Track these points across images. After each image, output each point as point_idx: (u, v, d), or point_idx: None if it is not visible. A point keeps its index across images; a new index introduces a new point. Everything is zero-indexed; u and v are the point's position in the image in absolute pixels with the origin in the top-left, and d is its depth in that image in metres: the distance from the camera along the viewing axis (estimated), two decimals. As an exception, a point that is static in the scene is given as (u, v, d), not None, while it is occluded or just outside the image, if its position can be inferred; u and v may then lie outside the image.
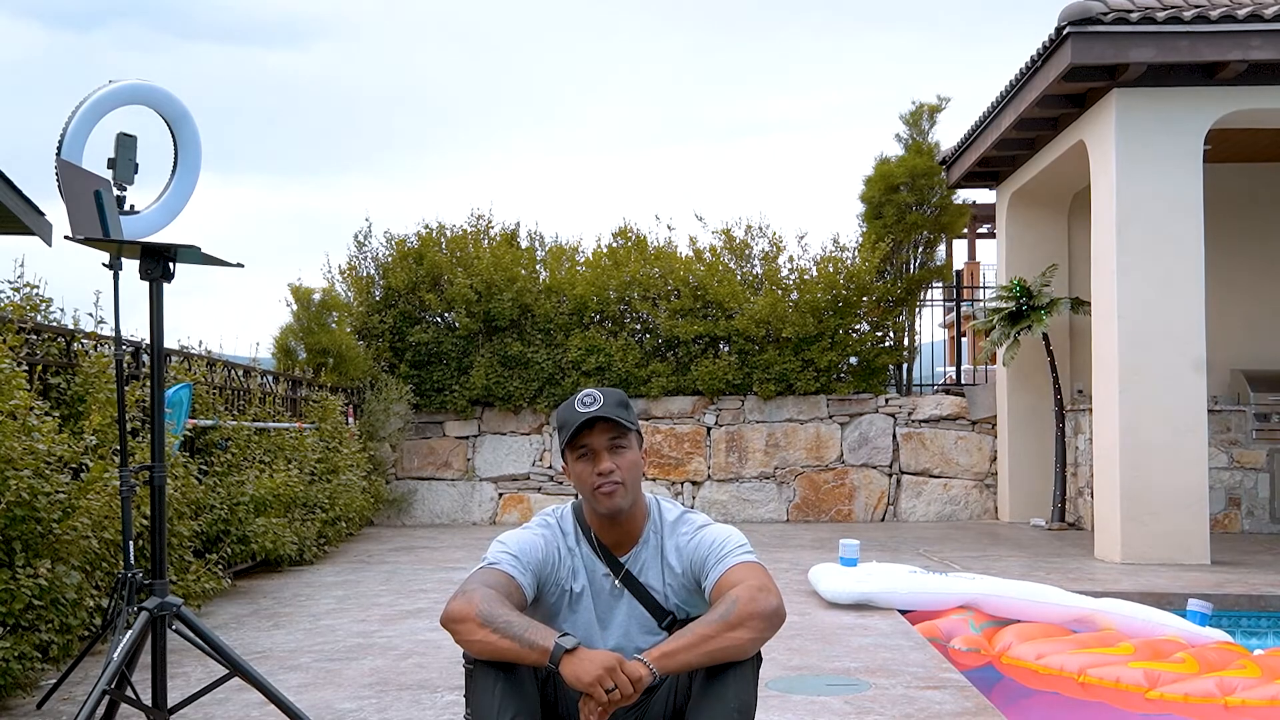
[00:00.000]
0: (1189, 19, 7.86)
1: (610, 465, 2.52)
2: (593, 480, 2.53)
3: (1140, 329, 8.27)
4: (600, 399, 2.54)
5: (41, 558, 4.21)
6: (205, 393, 7.13)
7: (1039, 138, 10.20)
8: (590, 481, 2.53)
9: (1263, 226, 10.85)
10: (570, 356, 11.55)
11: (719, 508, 11.55)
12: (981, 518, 11.64)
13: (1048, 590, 6.11)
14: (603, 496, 2.52)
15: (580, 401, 2.55)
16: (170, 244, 3.29)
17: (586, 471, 2.54)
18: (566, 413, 2.56)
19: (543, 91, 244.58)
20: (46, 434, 4.35)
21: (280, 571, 7.86)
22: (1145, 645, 5.39)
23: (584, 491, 2.57)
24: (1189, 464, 8.22)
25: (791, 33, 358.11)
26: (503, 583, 2.44)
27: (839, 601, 6.30)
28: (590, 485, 2.53)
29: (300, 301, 10.93)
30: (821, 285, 11.56)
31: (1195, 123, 8.32)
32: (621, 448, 2.55)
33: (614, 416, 2.52)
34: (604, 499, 2.52)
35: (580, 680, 2.23)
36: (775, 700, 4.21)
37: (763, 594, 2.37)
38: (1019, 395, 11.29)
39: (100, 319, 5.49)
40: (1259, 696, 4.75)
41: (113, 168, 3.44)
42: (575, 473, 2.57)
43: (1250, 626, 6.65)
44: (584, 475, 2.54)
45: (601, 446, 2.53)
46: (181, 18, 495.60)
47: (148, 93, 3.75)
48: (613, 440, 2.54)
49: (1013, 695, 5.27)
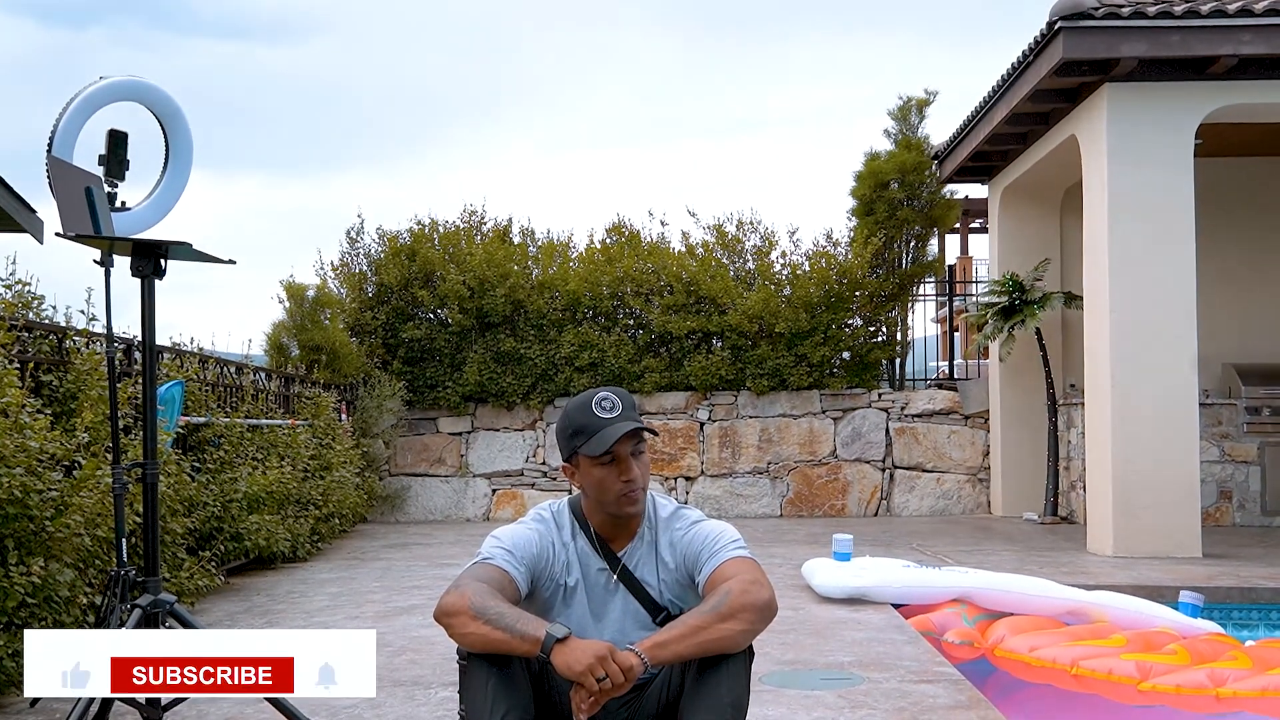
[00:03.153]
0: (1180, 13, 7.88)
1: (636, 473, 2.53)
2: (619, 487, 2.52)
3: (1132, 323, 8.29)
4: (620, 404, 2.53)
5: (34, 555, 4.20)
6: (198, 390, 7.12)
7: (1031, 132, 10.21)
8: (615, 489, 2.53)
9: (1254, 221, 10.88)
10: (563, 352, 11.55)
11: (712, 503, 11.56)
12: (974, 512, 11.66)
13: (1041, 583, 6.12)
14: (628, 503, 2.54)
15: (599, 406, 2.52)
16: (162, 240, 3.28)
17: (611, 478, 2.53)
18: (584, 417, 2.53)
19: (536, 88, 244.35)
20: (39, 432, 4.34)
21: (274, 568, 7.85)
22: (1137, 637, 5.41)
23: (604, 496, 2.55)
24: (1181, 458, 8.25)
25: (785, 29, 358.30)
26: (496, 577, 2.44)
27: (832, 596, 6.31)
28: (615, 492, 2.53)
29: (293, 298, 10.92)
30: (814, 280, 11.57)
31: (1187, 117, 8.33)
32: (641, 453, 2.57)
33: (643, 425, 2.53)
34: (628, 504, 2.54)
35: (572, 669, 2.24)
36: (769, 694, 4.22)
37: (755, 587, 2.38)
38: (1012, 390, 11.32)
39: (92, 316, 5.48)
40: (1250, 688, 4.77)
41: (104, 164, 3.43)
42: (595, 478, 2.54)
43: (1241, 618, 6.68)
44: (608, 482, 2.53)
45: (627, 454, 2.53)
46: (177, 14, 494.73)
47: (139, 89, 3.75)
48: (636, 446, 2.55)
49: (1006, 688, 5.28)
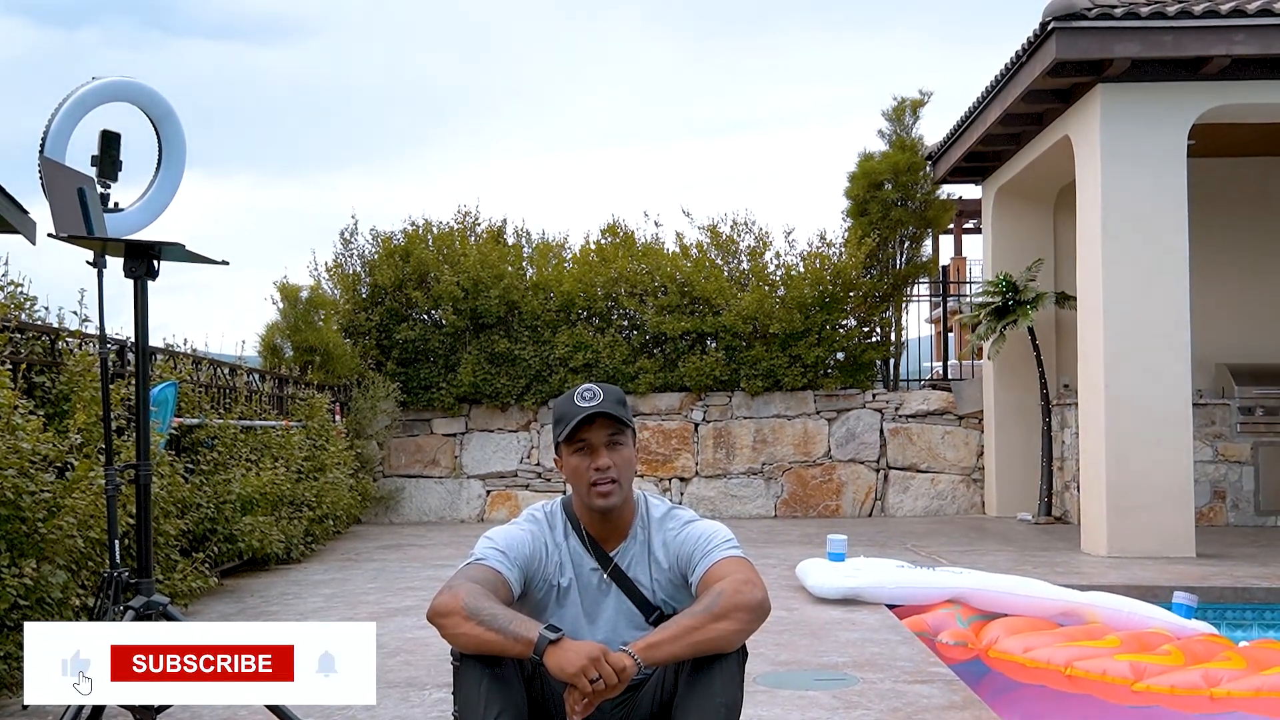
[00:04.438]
0: (1173, 14, 7.90)
1: (607, 461, 2.53)
2: (589, 475, 2.54)
3: (1125, 323, 8.30)
4: (600, 395, 2.55)
5: (27, 557, 4.19)
6: (191, 391, 7.11)
7: (1024, 133, 10.23)
8: (587, 477, 2.54)
9: (1246, 221, 10.90)
10: (557, 353, 11.55)
11: (707, 504, 11.56)
12: (969, 512, 11.67)
13: (1035, 584, 6.13)
14: (598, 495, 2.54)
15: (580, 396, 2.56)
16: (154, 241, 3.27)
17: (583, 466, 2.55)
18: (565, 406, 2.57)
19: (530, 88, 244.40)
20: (31, 433, 4.33)
21: (267, 570, 7.84)
22: (1131, 638, 5.42)
23: (578, 486, 2.58)
24: (1174, 457, 8.26)
25: (779, 29, 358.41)
26: (489, 578, 2.44)
27: (827, 596, 6.31)
28: (586, 481, 2.55)
29: (287, 299, 10.89)
30: (808, 281, 11.58)
31: (1180, 117, 8.35)
32: (619, 444, 2.56)
33: (614, 413, 2.53)
34: (599, 497, 2.54)
35: (564, 670, 2.24)
36: (763, 695, 4.22)
37: (748, 586, 2.38)
38: (1006, 390, 11.33)
39: (85, 317, 5.48)
40: (1244, 688, 4.78)
41: (97, 165, 3.42)
42: (570, 466, 2.58)
43: (1235, 618, 6.70)
44: (580, 470, 2.55)
45: (600, 442, 2.54)
46: (170, 14, 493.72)
47: (131, 89, 3.74)
48: (611, 437, 2.55)
49: (1000, 688, 5.29)
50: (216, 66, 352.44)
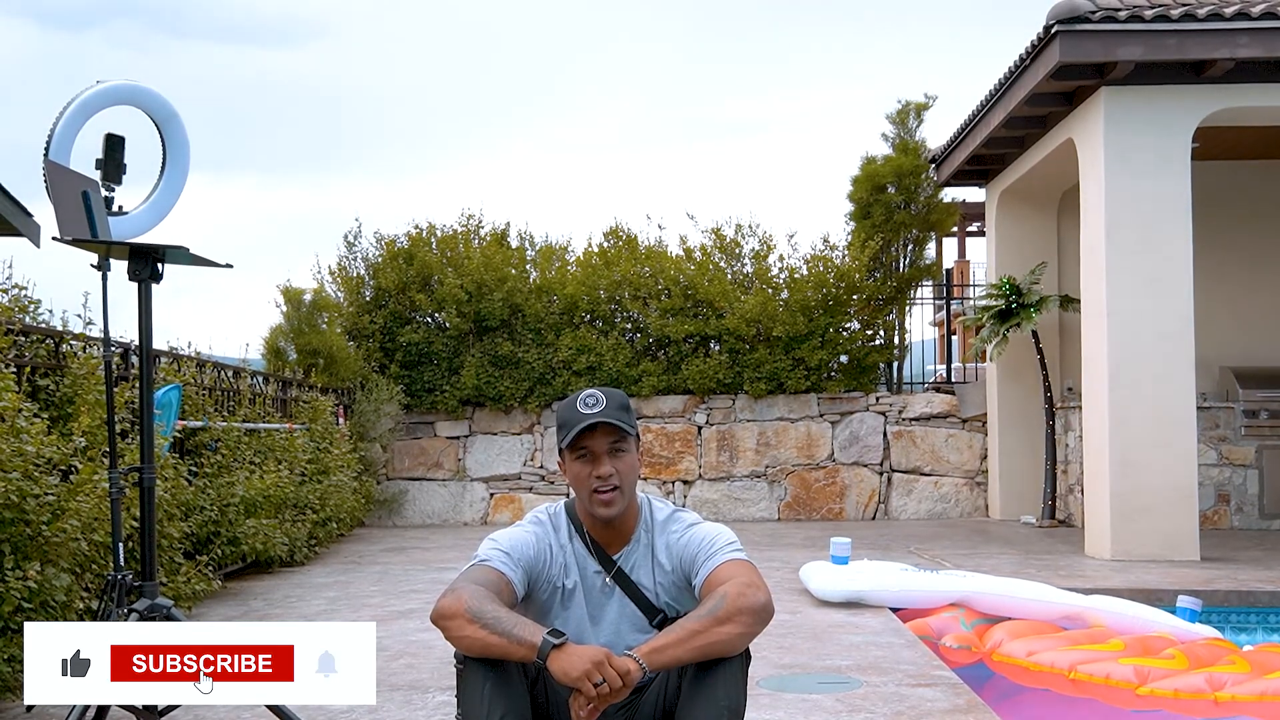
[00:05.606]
0: (1177, 17, 7.89)
1: (609, 469, 2.53)
2: (591, 483, 2.53)
3: (1129, 326, 8.29)
4: (603, 401, 2.54)
5: (31, 560, 4.19)
6: (195, 394, 7.11)
7: (1028, 136, 10.22)
8: (589, 484, 2.54)
9: (1250, 224, 10.89)
10: (561, 356, 11.55)
11: (710, 507, 11.56)
12: (972, 515, 11.66)
13: (1038, 587, 6.12)
14: (600, 503, 2.54)
15: (583, 402, 2.54)
16: (158, 245, 3.28)
17: (585, 473, 2.54)
18: (568, 412, 2.56)
19: (533, 91, 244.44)
20: (35, 436, 4.33)
21: (271, 573, 7.84)
22: (1135, 642, 5.41)
23: (581, 493, 2.57)
24: (1178, 461, 8.25)
25: (782, 32, 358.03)
26: (493, 580, 2.44)
27: (830, 599, 6.31)
28: (589, 488, 2.54)
29: (290, 302, 10.91)
30: (811, 284, 11.57)
31: (1183, 121, 8.34)
32: (621, 452, 2.55)
33: (616, 421, 2.52)
34: (601, 505, 2.54)
35: (568, 675, 2.23)
36: (766, 698, 4.21)
37: (751, 589, 2.38)
38: (1009, 393, 11.32)
39: (89, 320, 5.47)
40: (1248, 692, 4.77)
41: (101, 168, 3.43)
42: (573, 473, 2.57)
43: (1239, 622, 6.68)
44: (582, 476, 2.55)
45: (601, 450, 2.53)
46: (176, 17, 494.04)
47: (136, 93, 3.75)
48: (613, 444, 2.54)
49: (1004, 692, 5.28)
50: (221, 70, 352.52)
